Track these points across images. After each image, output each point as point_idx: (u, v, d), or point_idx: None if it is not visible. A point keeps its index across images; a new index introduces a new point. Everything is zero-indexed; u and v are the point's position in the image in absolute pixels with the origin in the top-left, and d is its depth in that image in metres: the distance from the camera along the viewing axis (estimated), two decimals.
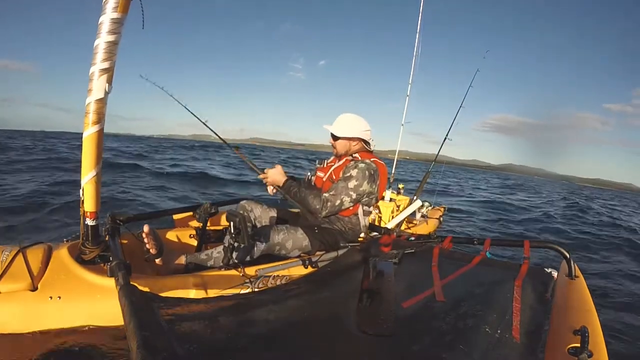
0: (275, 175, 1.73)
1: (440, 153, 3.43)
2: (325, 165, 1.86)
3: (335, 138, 1.75)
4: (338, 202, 1.60)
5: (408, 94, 3.37)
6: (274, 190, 1.78)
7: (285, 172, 1.76)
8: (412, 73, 3.36)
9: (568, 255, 1.24)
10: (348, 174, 1.63)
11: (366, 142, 1.78)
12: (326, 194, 1.61)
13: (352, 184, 1.61)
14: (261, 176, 1.77)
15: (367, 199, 1.70)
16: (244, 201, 1.76)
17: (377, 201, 1.79)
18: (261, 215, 1.74)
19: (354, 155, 1.74)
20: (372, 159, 1.70)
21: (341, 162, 1.74)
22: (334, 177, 1.71)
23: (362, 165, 1.64)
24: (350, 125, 1.73)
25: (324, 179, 1.76)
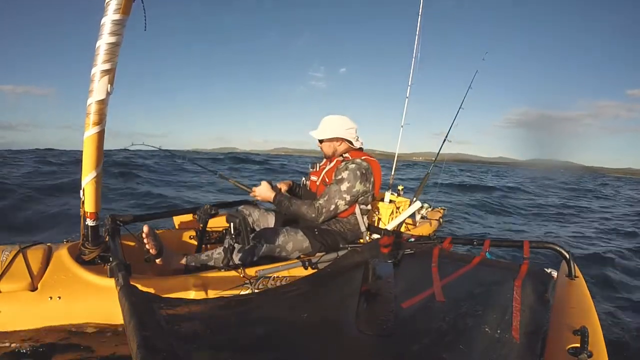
0: (263, 192, 1.69)
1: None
2: (317, 169, 1.86)
3: (320, 141, 1.76)
4: (333, 207, 1.60)
5: (407, 95, 3.37)
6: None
7: (273, 187, 1.73)
8: (411, 75, 3.35)
9: (568, 256, 1.24)
10: (339, 177, 1.62)
11: (351, 142, 1.76)
12: (320, 201, 1.60)
13: (344, 186, 1.60)
14: (251, 195, 1.75)
15: (363, 198, 1.70)
16: (242, 205, 1.78)
17: (374, 198, 1.78)
18: (259, 219, 1.75)
19: (344, 155, 1.74)
20: (362, 157, 1.70)
21: (332, 164, 1.75)
22: (327, 179, 1.71)
23: (352, 165, 1.63)
24: (331, 126, 1.73)
25: (318, 183, 1.78)
